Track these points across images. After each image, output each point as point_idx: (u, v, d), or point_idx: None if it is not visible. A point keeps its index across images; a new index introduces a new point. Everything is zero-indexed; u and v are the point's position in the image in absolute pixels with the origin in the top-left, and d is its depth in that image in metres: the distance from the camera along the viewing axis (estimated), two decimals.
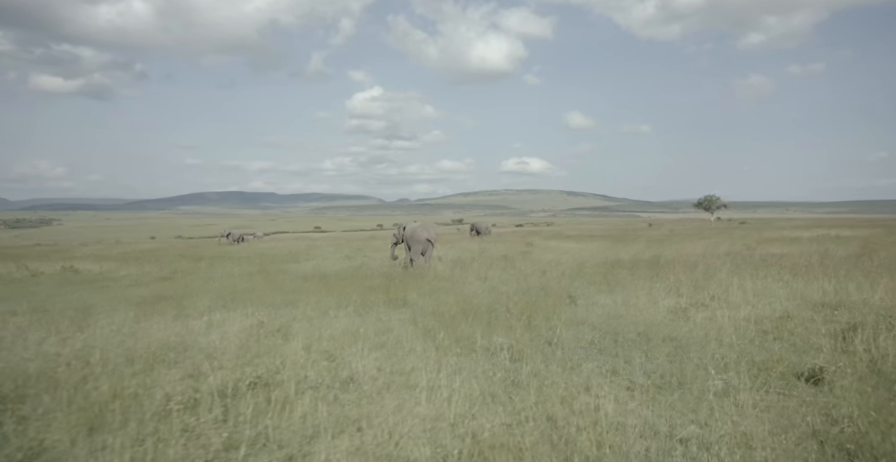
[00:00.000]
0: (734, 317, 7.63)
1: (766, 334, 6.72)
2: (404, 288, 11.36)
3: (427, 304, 9.43)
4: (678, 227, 55.27)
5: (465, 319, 7.65)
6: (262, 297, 10.55)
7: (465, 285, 12.23)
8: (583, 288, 11.17)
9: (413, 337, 6.57)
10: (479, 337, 6.46)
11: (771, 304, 8.60)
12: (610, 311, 8.66)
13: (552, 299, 9.68)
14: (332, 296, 10.46)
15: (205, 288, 12.59)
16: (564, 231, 49.71)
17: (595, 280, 12.12)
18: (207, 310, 9.09)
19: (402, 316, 8.58)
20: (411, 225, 17.17)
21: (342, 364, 5.46)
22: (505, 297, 9.93)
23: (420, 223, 17.24)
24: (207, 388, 4.64)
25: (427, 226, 17.00)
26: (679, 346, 6.31)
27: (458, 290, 11.45)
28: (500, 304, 8.77)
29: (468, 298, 10.19)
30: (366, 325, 7.53)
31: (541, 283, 12.09)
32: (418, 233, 16.49)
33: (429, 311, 8.65)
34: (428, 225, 17.10)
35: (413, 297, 10.52)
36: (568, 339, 6.65)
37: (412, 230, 16.75)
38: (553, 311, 8.28)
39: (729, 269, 13.10)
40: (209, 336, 6.71)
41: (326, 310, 9.01)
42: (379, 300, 9.90)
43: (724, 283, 10.73)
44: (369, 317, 8.53)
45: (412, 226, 17.11)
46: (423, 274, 13.95)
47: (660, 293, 10.05)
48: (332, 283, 12.50)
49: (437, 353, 5.91)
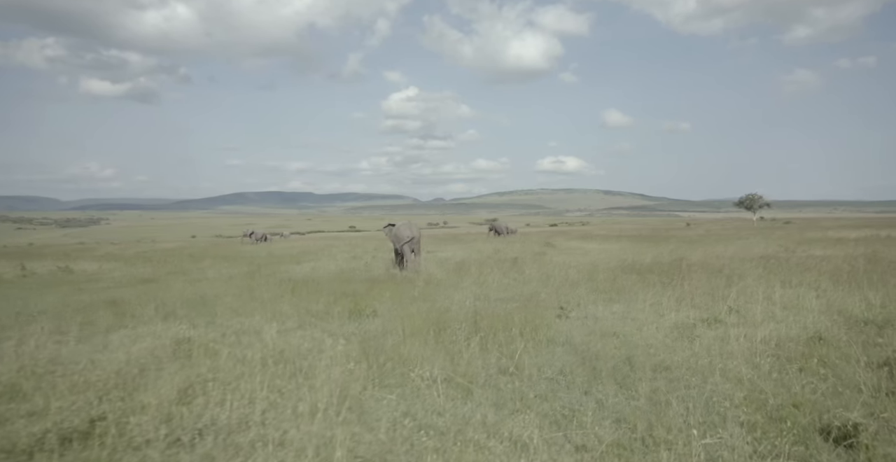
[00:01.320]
0: (751, 337, 6.17)
1: (789, 364, 5.26)
2: (381, 294, 10.18)
3: (396, 314, 8.21)
4: (716, 227, 52.68)
5: (422, 337, 6.40)
6: (222, 305, 9.50)
7: (454, 291, 10.96)
8: (583, 296, 9.79)
9: (342, 361, 5.35)
10: (420, 364, 5.20)
11: (800, 321, 7.08)
12: (603, 326, 7.27)
13: (541, 311, 8.35)
14: (299, 303, 9.35)
15: (176, 292, 11.64)
16: (593, 231, 47.78)
17: (601, 287, 10.70)
18: (148, 320, 8.10)
19: (355, 329, 7.39)
20: (396, 225, 16.18)
21: (212, 406, 4.24)
22: (488, 308, 8.67)
23: (404, 222, 16.26)
24: None
25: (410, 225, 16.05)
26: (672, 380, 4.94)
27: (443, 298, 10.20)
28: (479, 317, 7.52)
29: (447, 309, 8.94)
30: (302, 342, 6.36)
31: (539, 290, 10.74)
32: (400, 232, 15.62)
33: (390, 324, 7.43)
34: (411, 224, 16.14)
35: (387, 305, 9.33)
36: (534, 367, 5.33)
37: (395, 230, 15.91)
38: (534, 327, 6.96)
39: (758, 274, 11.50)
40: (101, 356, 5.63)
41: (275, 321, 7.89)
42: (345, 309, 8.72)
43: (748, 292, 9.20)
44: (316, 330, 7.35)
45: (396, 225, 16.18)
46: (412, 278, 12.74)
47: (670, 304, 8.60)
48: (311, 288, 11.39)
49: (356, 385, 4.69)
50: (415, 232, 15.67)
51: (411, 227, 15.89)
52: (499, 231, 35.15)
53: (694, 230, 44.33)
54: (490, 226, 36.37)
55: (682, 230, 45.99)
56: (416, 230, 15.86)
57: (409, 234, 15.46)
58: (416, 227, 16.11)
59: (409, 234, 15.43)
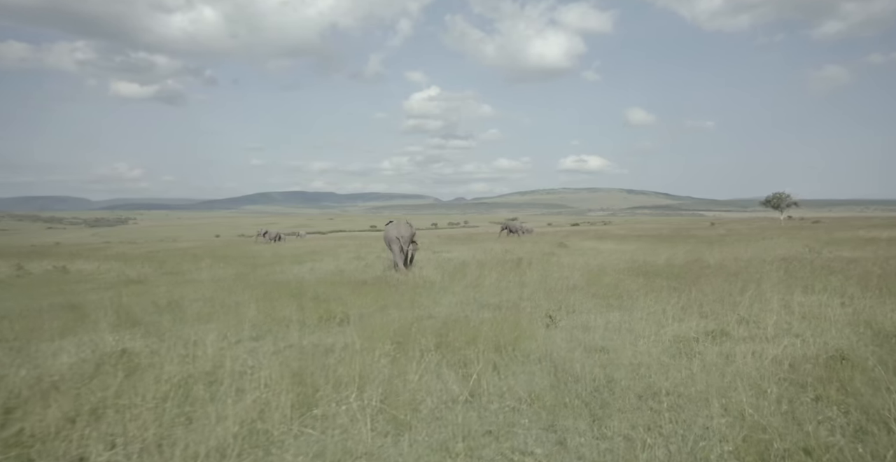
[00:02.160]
0: (761, 355, 5.28)
1: (803, 391, 4.38)
2: (363, 299, 9.46)
3: (368, 323, 7.47)
4: (740, 227, 50.98)
5: (379, 351, 5.64)
6: (192, 310, 8.87)
7: (445, 295, 10.20)
8: (581, 302, 8.93)
9: (275, 381, 4.61)
10: (362, 386, 4.43)
11: (821, 335, 6.15)
12: (593, 338, 6.43)
13: (528, 318, 7.53)
14: (273, 308, 8.66)
15: (154, 295, 11.06)
16: (612, 231, 46.52)
17: (602, 291, 9.82)
18: (104, 327, 7.47)
19: (316, 339, 6.64)
20: (388, 224, 15.51)
21: (92, 441, 3.52)
22: (472, 316, 7.89)
23: (395, 221, 15.54)
24: None
25: (399, 223, 15.25)
26: (658, 411, 4.09)
27: (430, 302, 9.45)
28: (453, 327, 6.75)
29: (428, 316, 8.19)
30: (248, 356, 5.64)
31: (536, 294, 9.91)
32: (389, 231, 14.94)
33: (354, 334, 6.69)
34: (400, 223, 15.30)
35: (365, 311, 8.60)
36: (497, 392, 4.53)
37: (386, 229, 15.22)
38: (514, 338, 6.15)
39: (778, 278, 10.50)
40: (11, 371, 4.98)
41: (236, 330, 7.21)
42: (316, 316, 7.99)
43: (763, 299, 8.26)
44: (270, 341, 6.64)
45: (387, 224, 15.50)
46: (405, 280, 11.99)
47: (674, 312, 7.71)
48: (294, 291, 10.72)
49: (275, 416, 3.94)
50: (404, 231, 14.83)
51: (400, 225, 15.04)
52: (513, 230, 34.25)
53: (716, 230, 42.80)
54: (504, 225, 35.44)
55: (705, 230, 44.47)
56: (408, 229, 15.03)
57: (398, 233, 14.68)
58: (409, 225, 15.27)
59: (397, 234, 14.65)
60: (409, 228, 14.99)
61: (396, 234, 14.72)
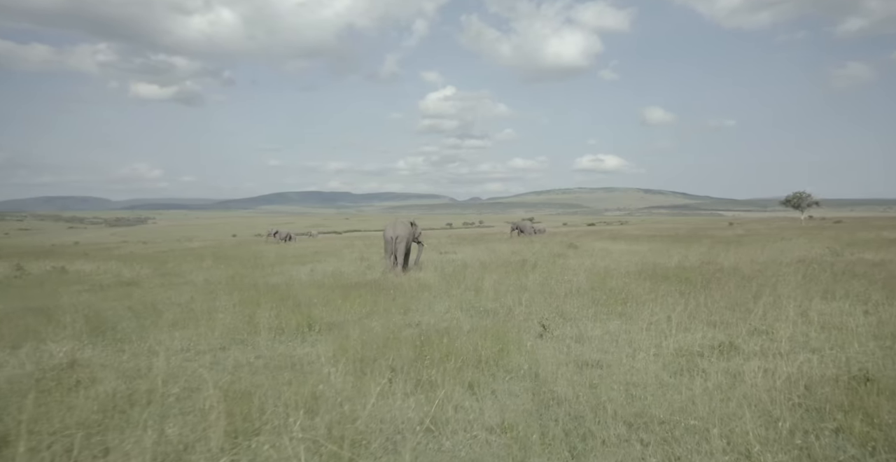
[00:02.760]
0: (774, 373, 4.66)
1: (821, 420, 3.77)
2: (352, 304, 8.95)
3: (349, 332, 6.96)
4: (759, 227, 49.78)
5: (347, 365, 5.13)
6: (170, 315, 8.43)
7: (440, 300, 9.67)
8: (581, 308, 8.34)
9: (216, 406, 4.11)
10: (310, 412, 3.91)
11: (843, 348, 5.52)
12: (587, 351, 5.85)
13: (521, 327, 6.97)
14: (254, 314, 8.16)
15: (138, 298, 10.67)
16: (626, 231, 45.58)
17: (606, 297, 9.20)
18: (69, 334, 7.05)
19: (285, 349, 6.13)
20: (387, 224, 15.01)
21: None
22: (462, 324, 7.36)
23: (391, 221, 15.08)
24: None
25: (396, 224, 14.72)
26: (648, 445, 3.52)
27: (422, 308, 8.93)
28: (439, 337, 6.22)
29: (416, 323, 7.67)
30: (204, 372, 5.14)
31: (535, 299, 9.33)
32: (385, 231, 14.48)
33: (330, 345, 6.19)
34: (397, 223, 14.77)
35: (350, 317, 8.11)
36: (465, 419, 3.98)
37: (384, 229, 14.73)
38: (500, 351, 5.60)
39: (795, 282, 9.80)
40: None
41: (204, 339, 6.74)
42: (297, 323, 7.49)
43: (779, 306, 7.60)
44: (237, 351, 6.15)
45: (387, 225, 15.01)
46: (399, 283, 11.46)
47: (680, 320, 7.09)
48: (283, 295, 10.24)
49: (201, 447, 3.43)
50: (401, 231, 14.29)
51: (397, 225, 14.53)
52: (523, 231, 33.58)
53: (734, 230, 41.69)
54: (514, 225, 34.76)
55: (722, 230, 43.34)
56: (406, 229, 14.48)
57: (393, 233, 14.17)
58: (409, 225, 14.74)
59: (392, 234, 14.15)
60: (406, 228, 14.45)
61: (392, 234, 14.24)
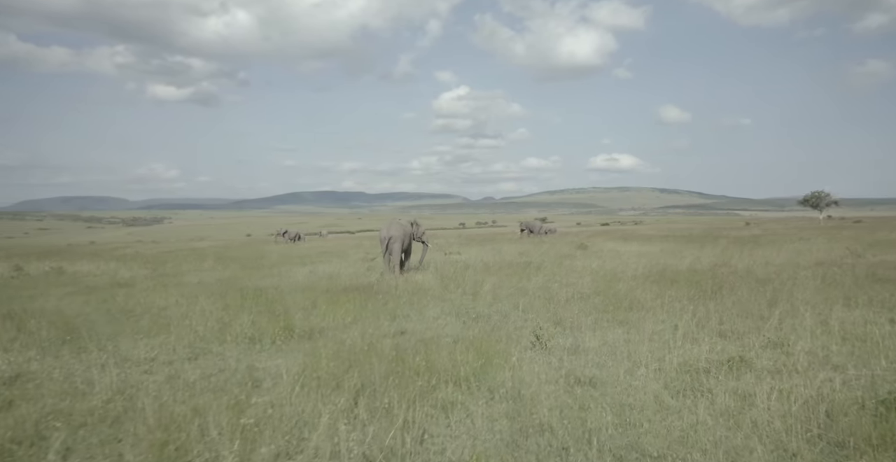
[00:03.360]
0: (791, 395, 4.11)
1: (847, 457, 3.23)
2: (340, 308, 8.49)
3: (327, 341, 6.51)
4: (776, 227, 48.63)
5: (307, 387, 4.66)
6: (147, 321, 8.05)
7: (434, 304, 9.20)
8: (582, 315, 7.79)
9: (145, 436, 3.66)
10: (237, 446, 3.44)
11: (868, 364, 4.93)
12: (582, 366, 5.32)
13: (513, 337, 6.47)
14: (233, 320, 7.73)
15: (126, 301, 10.30)
16: (640, 231, 44.68)
17: (609, 303, 8.64)
18: (28, 342, 6.67)
19: (252, 361, 5.67)
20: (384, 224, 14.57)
21: None
22: (451, 333, 6.87)
23: (387, 221, 14.60)
24: None
25: (392, 224, 14.20)
26: None
27: (414, 314, 8.47)
28: (422, 348, 5.74)
29: (401, 331, 7.19)
30: (154, 387, 4.70)
31: (534, 304, 8.81)
32: (381, 232, 14.00)
33: (301, 356, 5.72)
34: (393, 223, 14.25)
35: (335, 323, 7.66)
36: (426, 453, 3.48)
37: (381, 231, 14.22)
38: (485, 365, 5.10)
39: (814, 287, 9.17)
40: None
41: (172, 348, 6.32)
42: (276, 330, 7.02)
43: (796, 313, 7.01)
44: (202, 363, 5.70)
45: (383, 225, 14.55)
46: (392, 287, 10.98)
47: (688, 329, 6.53)
48: (271, 298, 9.82)
49: None
50: (395, 231, 13.74)
51: (392, 225, 14.00)
52: (533, 231, 32.98)
53: (750, 230, 40.67)
54: (524, 225, 34.16)
55: (738, 230, 42.31)
56: (400, 229, 13.93)
57: (388, 233, 13.67)
58: (406, 225, 14.21)
59: (387, 234, 13.65)
60: (401, 229, 13.93)
61: (386, 235, 13.77)
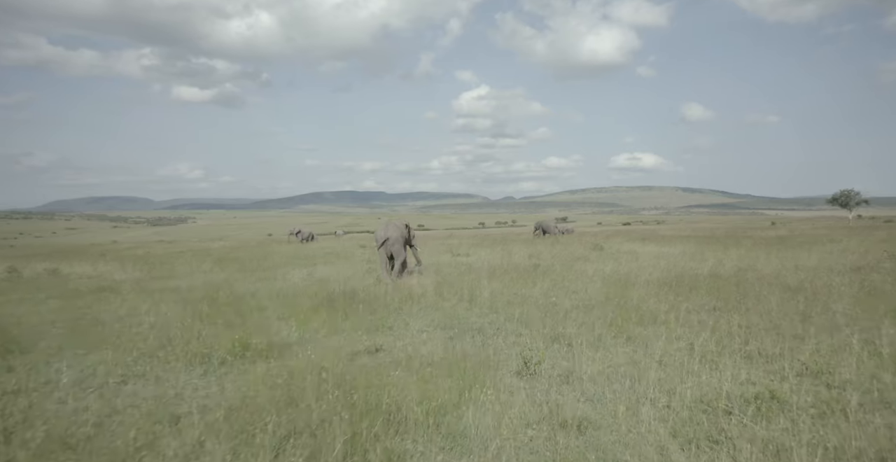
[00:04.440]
0: (840, 451, 3.13)
1: None
2: (320, 318, 7.65)
3: (284, 360, 5.66)
4: (804, 227, 46.76)
5: (224, 429, 3.80)
6: (100, 333, 7.29)
7: (423, 314, 8.31)
8: (584, 329, 6.83)
9: None
10: None
11: None
12: (573, 400, 4.36)
13: (498, 358, 5.55)
14: (189, 332, 6.95)
15: (98, 308, 9.61)
16: (660, 231, 43.24)
17: (617, 314, 7.66)
18: None
19: (188, 381, 4.85)
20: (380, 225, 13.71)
21: None
22: (428, 354, 5.98)
23: (385, 222, 13.63)
24: None
25: (388, 225, 13.33)
26: None
27: (398, 326, 7.59)
28: (386, 372, 4.87)
29: (373, 350, 6.32)
30: None
31: (533, 313, 7.87)
32: (377, 233, 13.09)
33: (248, 383, 4.88)
34: (389, 224, 13.38)
35: (309, 337, 6.82)
36: None
37: (376, 231, 13.34)
38: (444, 404, 4.19)
39: (853, 297, 8.07)
40: None
41: (117, 363, 5.53)
42: (227, 346, 6.18)
43: (834, 327, 5.98)
44: (129, 387, 4.88)
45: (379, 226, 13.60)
46: (382, 293, 10.11)
47: (707, 348, 5.54)
48: (249, 306, 9.04)
49: None
50: (392, 232, 12.93)
51: (389, 227, 13.16)
52: (548, 231, 31.88)
53: (776, 230, 39.02)
54: (538, 225, 33.07)
55: (764, 230, 40.67)
56: (397, 230, 13.11)
57: (385, 234, 12.83)
58: (398, 227, 13.29)
59: (382, 236, 12.80)
60: (398, 230, 13.05)
61: (383, 236, 12.92)
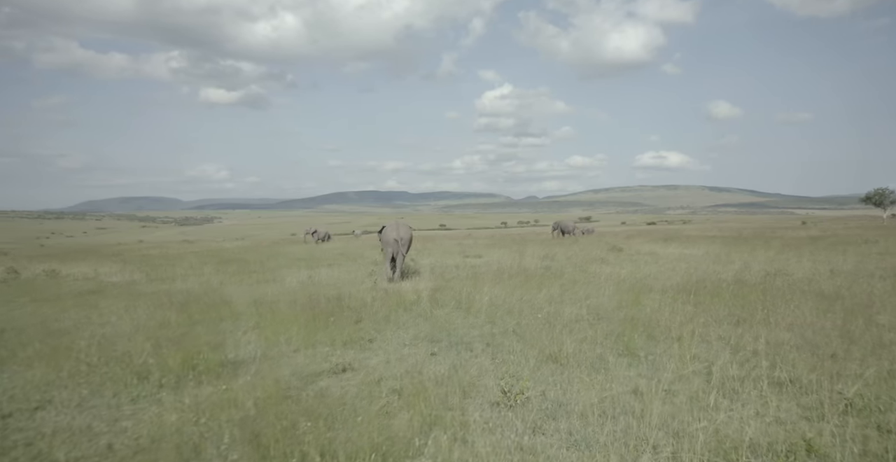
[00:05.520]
0: None
1: None
2: (295, 329, 6.91)
3: (224, 388, 4.91)
4: (836, 226, 44.78)
5: None
6: (40, 347, 6.64)
7: (411, 324, 7.52)
8: (585, 345, 5.95)
9: None
10: None
11: None
12: (552, 447, 3.51)
13: (477, 388, 4.72)
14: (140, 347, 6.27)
15: (67, 316, 9.02)
16: (684, 231, 41.76)
17: (625, 327, 6.75)
18: None
19: (95, 422, 4.11)
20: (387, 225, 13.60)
21: None
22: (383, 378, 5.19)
23: (393, 222, 13.54)
24: None
25: (399, 225, 13.26)
26: None
27: (379, 339, 6.80)
28: (337, 409, 4.08)
29: (339, 370, 5.53)
30: None
31: (532, 324, 7.01)
32: (387, 233, 12.88)
33: (156, 415, 4.13)
34: (400, 224, 13.33)
35: (274, 353, 6.06)
36: None
37: (384, 231, 13.18)
38: (398, 452, 3.38)
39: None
40: None
41: (42, 384, 4.83)
42: (177, 363, 5.45)
43: (882, 351, 5.01)
44: (43, 413, 4.17)
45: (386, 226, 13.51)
46: (372, 299, 9.35)
47: (726, 374, 4.63)
48: (220, 314, 8.36)
49: None
50: (404, 233, 12.83)
51: (400, 227, 13.03)
52: (566, 231, 30.85)
53: (808, 230, 37.30)
54: (556, 225, 32.06)
55: (794, 230, 38.94)
56: (405, 233, 12.96)
57: (397, 235, 12.65)
58: (405, 229, 13.19)
59: (396, 236, 12.61)
60: (408, 230, 13.29)
61: (396, 237, 12.69)
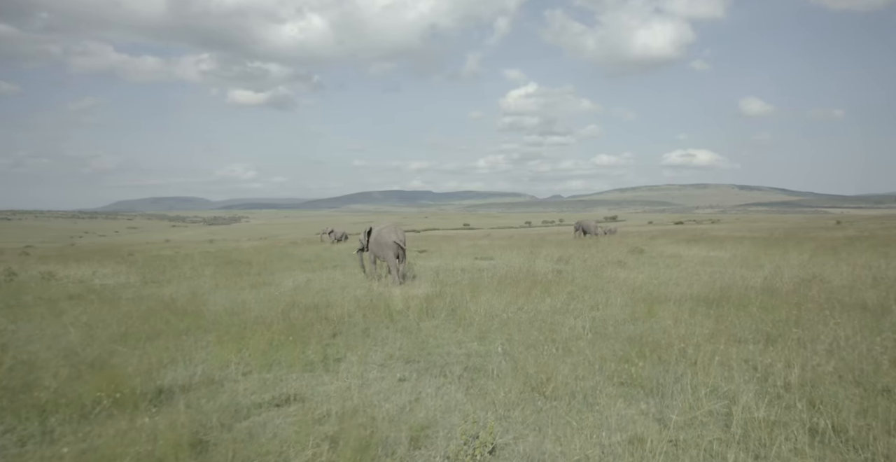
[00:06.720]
0: None
1: None
2: (261, 343, 6.21)
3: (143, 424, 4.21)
4: (872, 226, 42.67)
5: None
6: None
7: (393, 338, 6.78)
8: (582, 370, 5.11)
9: None
10: None
11: None
12: None
13: (455, 418, 3.94)
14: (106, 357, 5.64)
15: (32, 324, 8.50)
16: (712, 231, 40.21)
17: (630, 347, 5.88)
18: None
19: None
20: (377, 227, 13.09)
21: None
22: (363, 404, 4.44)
23: (387, 224, 13.08)
24: None
25: (396, 228, 12.73)
26: None
27: (352, 358, 6.06)
28: None
29: (291, 400, 4.80)
30: None
31: (525, 341, 6.19)
32: (384, 235, 12.36)
33: None
34: (396, 227, 12.81)
35: (220, 375, 5.36)
36: None
37: (377, 233, 12.66)
38: None
39: None
40: None
41: None
42: (91, 390, 4.79)
43: None
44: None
45: (378, 228, 12.99)
46: (363, 307, 8.62)
47: (750, 418, 3.76)
48: (189, 325, 7.72)
49: None
50: (401, 237, 12.32)
51: (397, 229, 12.54)
52: (588, 231, 29.82)
53: (843, 230, 35.50)
54: (577, 225, 31.04)
55: (829, 230, 37.10)
56: (403, 235, 12.49)
57: (396, 237, 12.22)
58: (402, 231, 12.69)
59: (395, 238, 12.18)
60: (402, 233, 12.64)
61: (396, 239, 12.25)
